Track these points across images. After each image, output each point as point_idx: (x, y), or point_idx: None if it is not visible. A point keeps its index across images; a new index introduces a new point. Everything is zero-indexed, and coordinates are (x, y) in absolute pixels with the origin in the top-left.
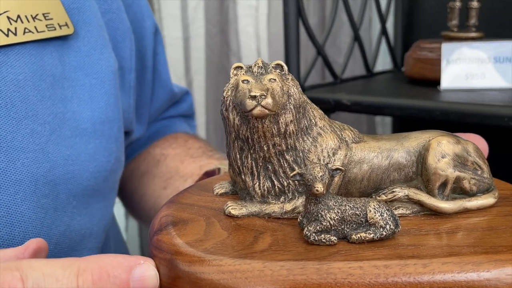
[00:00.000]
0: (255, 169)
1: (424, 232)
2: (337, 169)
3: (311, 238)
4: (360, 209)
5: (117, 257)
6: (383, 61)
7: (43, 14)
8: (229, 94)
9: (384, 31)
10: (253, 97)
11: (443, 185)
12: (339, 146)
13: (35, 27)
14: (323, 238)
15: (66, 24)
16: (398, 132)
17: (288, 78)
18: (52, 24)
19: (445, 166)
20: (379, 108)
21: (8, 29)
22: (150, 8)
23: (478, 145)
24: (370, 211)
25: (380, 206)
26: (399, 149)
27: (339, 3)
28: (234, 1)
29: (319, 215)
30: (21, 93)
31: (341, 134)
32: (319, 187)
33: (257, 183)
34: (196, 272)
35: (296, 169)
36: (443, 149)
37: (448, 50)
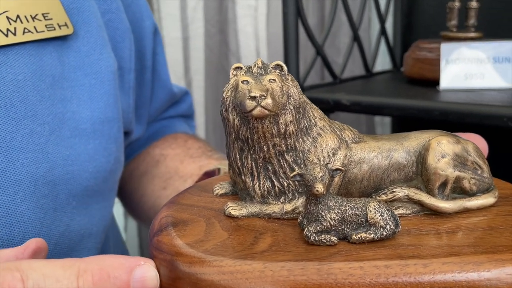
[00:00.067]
0: (255, 169)
1: (424, 232)
2: (337, 170)
3: (312, 238)
4: (360, 209)
5: (117, 258)
6: (382, 61)
7: (43, 14)
8: (228, 94)
9: (383, 31)
10: (253, 98)
11: (443, 185)
12: (339, 146)
13: (35, 27)
14: (324, 239)
15: (66, 24)
16: (397, 132)
17: (288, 79)
18: (51, 24)
19: (445, 166)
20: (379, 108)
21: (8, 29)
22: (150, 8)
23: (478, 144)
24: (370, 211)
25: (380, 206)
26: (399, 149)
27: (338, 3)
28: (233, 1)
29: (320, 216)
30: (20, 93)
31: (341, 134)
32: (319, 187)
33: (257, 184)
34: (196, 273)
35: (296, 169)
36: (443, 149)
37: (447, 50)
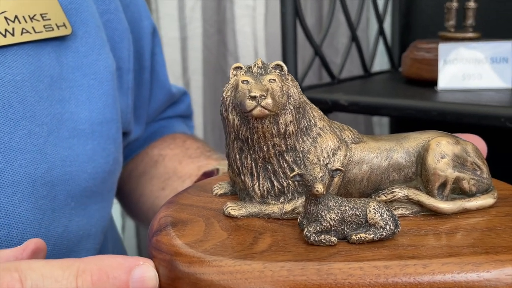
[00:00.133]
0: (254, 169)
1: (423, 232)
2: (337, 170)
3: (311, 238)
4: (360, 210)
5: (116, 258)
6: (380, 61)
7: (41, 15)
8: (228, 94)
9: (381, 31)
10: (253, 98)
11: (443, 185)
12: (338, 147)
13: (33, 28)
14: (323, 239)
15: (64, 25)
16: (395, 132)
17: (288, 79)
18: (49, 25)
19: (445, 167)
20: (377, 108)
21: (6, 30)
22: (148, 8)
23: (477, 145)
24: (370, 211)
25: (380, 207)
26: (398, 150)
27: (337, 3)
28: (231, 1)
29: (319, 216)
30: (18, 94)
31: (341, 135)
32: (319, 187)
33: (257, 184)
34: (196, 273)
35: (296, 169)
36: (443, 150)
37: (445, 50)
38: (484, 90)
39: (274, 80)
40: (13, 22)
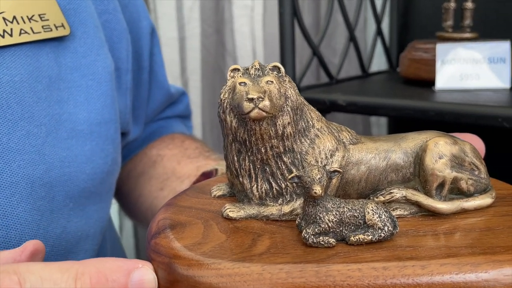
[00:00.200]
0: (252, 171)
1: (422, 233)
2: (335, 171)
3: (310, 240)
4: (358, 211)
5: (115, 261)
6: (378, 62)
7: (39, 15)
8: (226, 96)
9: (379, 32)
10: (251, 100)
11: (441, 185)
12: (336, 148)
13: (31, 28)
14: (322, 240)
15: (62, 25)
16: (393, 133)
17: (285, 80)
18: (48, 25)
19: (443, 167)
20: (375, 108)
21: (4, 30)
22: (147, 9)
23: (475, 145)
24: (368, 212)
25: (378, 208)
26: (396, 150)
27: (335, 3)
28: (229, 1)
29: (317, 217)
30: (17, 95)
31: (339, 136)
32: (317, 189)
33: (255, 185)
34: (194, 276)
35: (294, 171)
36: (441, 150)
37: (442, 50)
38: (482, 90)
39: (272, 82)
40: (11, 22)
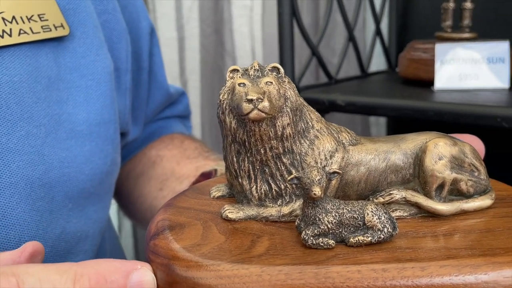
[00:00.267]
0: (252, 172)
1: (421, 234)
2: (334, 173)
3: (309, 242)
4: (357, 212)
5: (114, 262)
6: (377, 62)
7: (38, 15)
8: (225, 97)
9: (378, 32)
10: (250, 101)
11: (440, 187)
12: (336, 149)
13: (30, 28)
14: (321, 242)
15: (62, 25)
16: (392, 133)
17: (285, 81)
18: (47, 25)
19: (442, 168)
20: (374, 108)
21: (3, 31)
22: (146, 9)
23: (475, 146)
24: (367, 214)
25: (377, 209)
26: (396, 151)
27: (334, 3)
28: (228, 1)
29: (317, 219)
30: (16, 95)
31: (338, 137)
32: (316, 190)
33: (254, 186)
34: (193, 277)
35: (293, 172)
36: (440, 151)
37: (442, 50)
38: (481, 90)
39: (271, 82)
40: (11, 22)
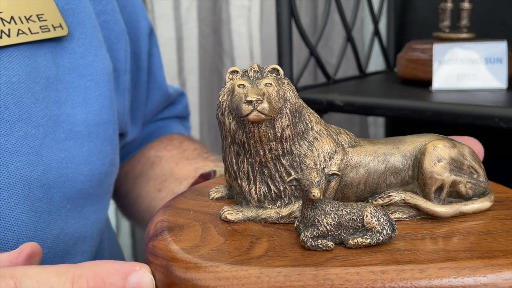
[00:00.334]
0: (251, 173)
1: (420, 236)
2: (333, 174)
3: (308, 243)
4: (356, 214)
5: (112, 264)
6: (375, 62)
7: (37, 15)
8: (225, 98)
9: (376, 32)
10: (249, 102)
11: (439, 189)
12: (335, 150)
13: (29, 29)
14: (320, 244)
15: (60, 26)
16: (391, 133)
17: (284, 83)
18: (46, 26)
19: (441, 170)
20: (372, 108)
21: (2, 31)
22: (145, 9)
23: (474, 148)
24: (367, 216)
25: (376, 211)
26: (395, 153)
27: (332, 3)
28: (227, 2)
29: (316, 220)
30: (14, 96)
31: (337, 138)
32: (316, 192)
33: (254, 188)
34: (192, 279)
35: (293, 173)
36: (439, 153)
37: (440, 51)
38: (479, 90)
39: (271, 84)
40: (9, 23)
